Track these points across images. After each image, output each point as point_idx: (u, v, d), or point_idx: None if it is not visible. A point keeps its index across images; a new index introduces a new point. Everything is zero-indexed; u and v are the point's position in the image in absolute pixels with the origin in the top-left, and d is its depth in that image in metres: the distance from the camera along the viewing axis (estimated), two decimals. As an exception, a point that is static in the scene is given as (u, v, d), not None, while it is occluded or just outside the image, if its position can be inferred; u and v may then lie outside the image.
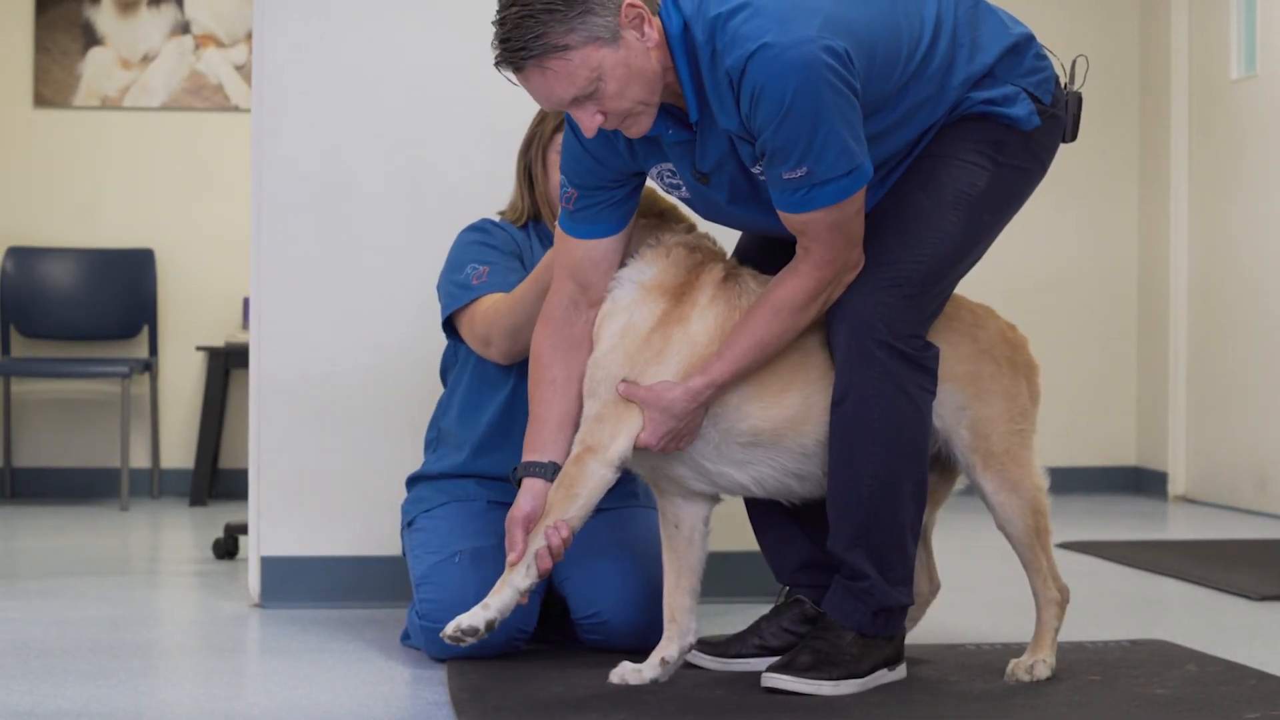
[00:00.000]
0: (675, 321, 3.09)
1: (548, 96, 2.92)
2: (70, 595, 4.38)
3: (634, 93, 2.91)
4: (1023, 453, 3.18)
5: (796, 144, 2.88)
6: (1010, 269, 7.33)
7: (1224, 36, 7.02)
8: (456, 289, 3.54)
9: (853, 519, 3.06)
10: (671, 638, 3.19)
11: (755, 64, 2.86)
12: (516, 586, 3.02)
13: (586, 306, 3.14)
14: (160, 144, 7.28)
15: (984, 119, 3.11)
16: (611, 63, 2.87)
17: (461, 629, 2.99)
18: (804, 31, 2.86)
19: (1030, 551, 3.19)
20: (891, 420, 3.02)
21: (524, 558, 3.02)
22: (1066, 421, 7.48)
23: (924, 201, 3.08)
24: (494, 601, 3.01)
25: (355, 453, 4.17)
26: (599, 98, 2.90)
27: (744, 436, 3.10)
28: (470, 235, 3.64)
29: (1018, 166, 3.15)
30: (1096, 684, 3.18)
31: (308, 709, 3.05)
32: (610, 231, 3.13)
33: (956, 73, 3.08)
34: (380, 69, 4.19)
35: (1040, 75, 3.16)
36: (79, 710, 3.02)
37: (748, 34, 2.87)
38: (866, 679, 3.09)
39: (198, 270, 7.28)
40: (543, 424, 3.13)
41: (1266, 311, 6.67)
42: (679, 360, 3.07)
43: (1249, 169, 6.84)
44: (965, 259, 3.12)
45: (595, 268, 3.13)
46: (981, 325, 3.21)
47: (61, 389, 7.23)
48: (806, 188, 2.92)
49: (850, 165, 2.92)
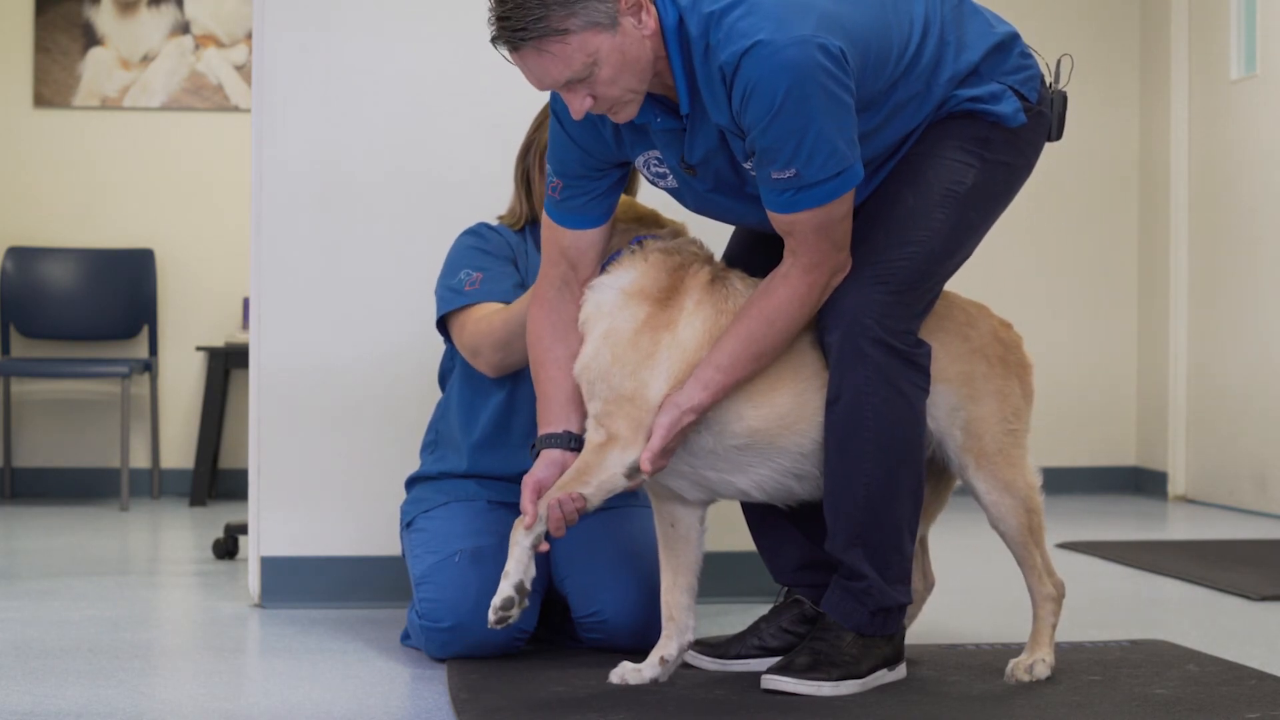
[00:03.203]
0: (663, 326, 3.08)
1: (541, 78, 2.93)
2: (70, 595, 4.38)
3: (626, 80, 2.92)
4: (1016, 452, 3.18)
5: (785, 144, 2.89)
6: (1010, 268, 7.34)
7: (1224, 36, 7.02)
8: (450, 293, 3.57)
9: (850, 519, 3.06)
10: (670, 636, 3.19)
11: (748, 61, 2.86)
12: (524, 545, 3.03)
13: (577, 286, 3.16)
14: (160, 144, 7.29)
15: (970, 116, 3.11)
16: (608, 48, 2.88)
17: (498, 608, 3.01)
18: (799, 30, 2.86)
19: (1025, 550, 3.19)
20: (886, 418, 3.02)
21: (535, 522, 3.03)
22: (1066, 421, 7.49)
23: (912, 200, 3.08)
24: (512, 568, 3.03)
25: (355, 453, 4.17)
26: (592, 82, 2.90)
27: (739, 439, 3.09)
28: (466, 240, 3.65)
29: (1004, 163, 3.14)
30: (1096, 684, 3.18)
31: (308, 709, 3.05)
32: (595, 224, 3.15)
33: (943, 71, 3.08)
34: (380, 69, 4.19)
35: (1025, 73, 3.16)
36: (79, 710, 3.02)
37: (743, 30, 2.87)
38: (866, 679, 3.08)
39: (198, 270, 7.28)
40: (551, 400, 3.14)
41: (1267, 311, 6.67)
42: (669, 365, 3.06)
43: (1248, 169, 6.84)
44: (954, 256, 3.12)
45: (583, 255, 3.16)
46: (974, 324, 3.20)
47: (61, 389, 7.23)
48: (794, 189, 2.92)
49: (839, 168, 2.91)
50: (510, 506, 3.58)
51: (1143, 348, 7.61)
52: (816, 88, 2.86)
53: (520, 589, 3.01)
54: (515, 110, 3.77)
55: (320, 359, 4.17)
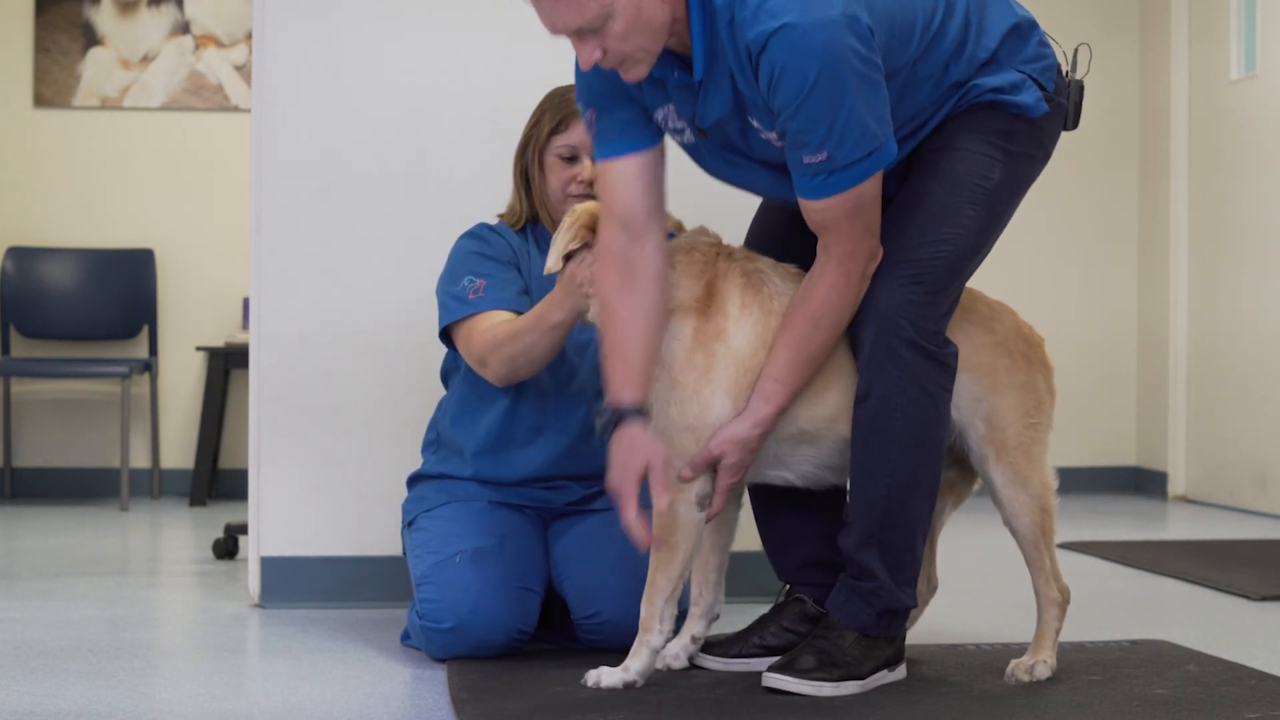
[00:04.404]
0: (714, 338, 3.08)
1: (554, 21, 2.90)
2: (70, 595, 4.38)
3: (638, 38, 2.90)
4: (1035, 448, 3.17)
5: (817, 127, 2.88)
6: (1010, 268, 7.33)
7: (1224, 36, 7.02)
8: (454, 302, 3.52)
9: (868, 518, 3.06)
10: (698, 617, 3.28)
11: (776, 43, 2.85)
12: (653, 647, 3.12)
13: (639, 235, 3.08)
14: (160, 144, 7.28)
15: (993, 108, 3.10)
16: (624, 3, 2.86)
17: (607, 685, 3.09)
18: (826, 11, 2.84)
19: (1035, 550, 3.19)
20: (913, 419, 3.02)
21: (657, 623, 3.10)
22: (1067, 421, 7.47)
23: (942, 196, 3.07)
24: (633, 665, 3.10)
25: (355, 453, 4.17)
26: (604, 34, 2.89)
27: (792, 438, 3.12)
28: (468, 244, 3.62)
29: (1027, 155, 3.14)
30: (1096, 684, 3.18)
31: (308, 709, 3.05)
32: (637, 146, 3.08)
33: (965, 51, 3.07)
34: (380, 69, 4.19)
35: (1044, 62, 3.15)
36: (79, 710, 3.02)
37: (770, 10, 2.85)
38: (867, 680, 3.08)
39: (198, 270, 7.28)
40: (622, 361, 3.06)
41: (1267, 311, 6.67)
42: (727, 375, 3.07)
43: (1249, 169, 6.84)
44: (981, 253, 3.12)
45: (633, 194, 3.08)
46: (998, 319, 3.21)
47: (61, 389, 7.23)
48: (826, 173, 2.92)
49: (871, 147, 2.91)
50: (512, 507, 3.58)
51: (1143, 347, 7.61)
52: (846, 69, 2.85)
53: (630, 685, 3.09)
54: (516, 108, 3.76)
55: (320, 359, 4.16)
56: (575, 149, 3.55)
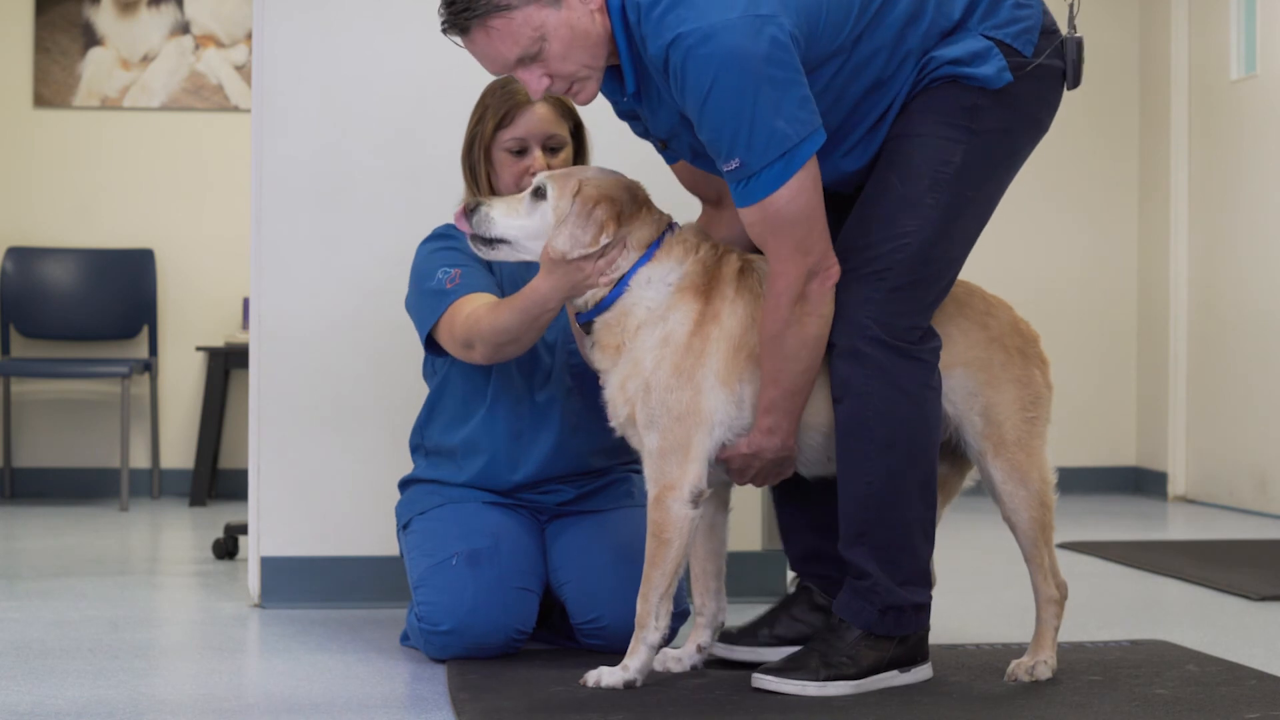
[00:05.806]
0: (710, 320, 3.08)
1: (493, 58, 2.94)
2: (70, 595, 4.38)
3: (578, 55, 2.92)
4: (1034, 443, 3.16)
5: (723, 134, 2.87)
6: (1010, 269, 7.33)
7: (1224, 36, 7.02)
8: (431, 297, 3.44)
9: (853, 518, 3.05)
10: (702, 626, 3.29)
11: (674, 54, 2.86)
12: (650, 644, 3.10)
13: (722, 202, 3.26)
14: (160, 144, 7.28)
15: (952, 84, 3.01)
16: (555, 23, 2.89)
17: (607, 684, 3.09)
18: (723, 14, 2.83)
19: (1034, 546, 3.19)
20: (888, 419, 3.00)
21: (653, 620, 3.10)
22: (1066, 421, 7.48)
23: (899, 187, 3.01)
24: (632, 663, 3.09)
25: (355, 453, 4.17)
26: (544, 59, 2.91)
27: (802, 431, 3.13)
28: (434, 244, 3.56)
29: (997, 129, 3.04)
30: (1096, 684, 3.18)
31: (308, 709, 3.05)
32: None
33: (921, 22, 2.99)
34: (380, 69, 4.19)
35: (1020, 25, 3.03)
36: (79, 710, 3.02)
37: (668, 22, 2.86)
38: (860, 681, 3.06)
39: (198, 270, 7.28)
40: None
41: (1267, 311, 6.67)
42: (719, 354, 3.06)
43: (1249, 169, 6.84)
44: (954, 240, 3.05)
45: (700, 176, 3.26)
46: (993, 314, 3.19)
47: (61, 389, 7.23)
48: (744, 179, 2.91)
49: (783, 148, 2.87)
50: (504, 508, 3.58)
51: (1143, 347, 7.62)
52: (743, 73, 2.83)
53: (630, 685, 3.09)
54: (515, 110, 3.76)
55: (320, 359, 4.16)
56: (523, 140, 3.49)
